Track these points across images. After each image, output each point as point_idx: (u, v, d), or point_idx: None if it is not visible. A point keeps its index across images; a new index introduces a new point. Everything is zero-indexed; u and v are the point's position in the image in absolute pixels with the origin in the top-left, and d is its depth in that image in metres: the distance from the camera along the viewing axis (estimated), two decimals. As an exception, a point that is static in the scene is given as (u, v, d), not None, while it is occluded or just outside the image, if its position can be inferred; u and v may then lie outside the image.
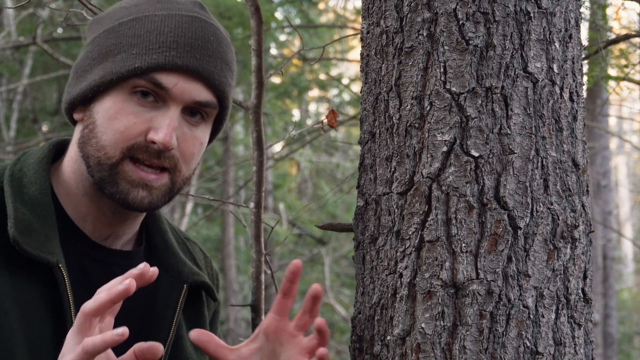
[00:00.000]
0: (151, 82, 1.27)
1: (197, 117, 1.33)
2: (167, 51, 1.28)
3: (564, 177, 1.38)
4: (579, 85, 1.44)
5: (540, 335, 1.32)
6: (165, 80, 1.28)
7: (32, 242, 1.21)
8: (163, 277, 1.40)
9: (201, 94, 1.31)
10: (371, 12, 1.49)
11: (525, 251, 1.33)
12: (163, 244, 1.45)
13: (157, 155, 1.28)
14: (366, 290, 1.43)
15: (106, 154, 1.27)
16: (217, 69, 1.32)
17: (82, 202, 1.33)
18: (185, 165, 1.33)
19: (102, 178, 1.28)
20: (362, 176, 1.48)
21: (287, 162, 12.71)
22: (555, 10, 1.40)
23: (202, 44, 1.30)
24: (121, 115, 1.28)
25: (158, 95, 1.29)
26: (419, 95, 1.38)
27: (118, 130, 1.27)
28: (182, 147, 1.31)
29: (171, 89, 1.28)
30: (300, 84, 9.66)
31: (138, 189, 1.28)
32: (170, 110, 1.29)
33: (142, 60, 1.27)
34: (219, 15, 7.27)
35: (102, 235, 1.34)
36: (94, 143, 1.29)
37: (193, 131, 1.33)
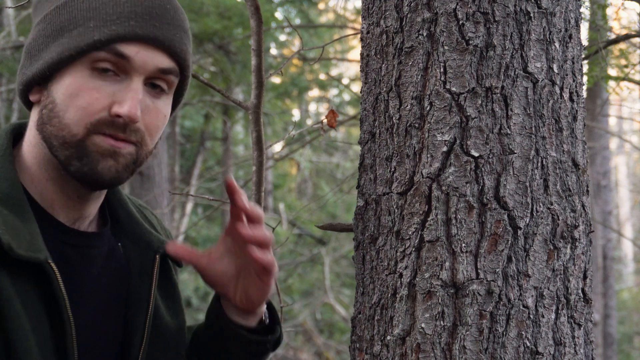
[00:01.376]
0: (112, 52, 1.25)
1: (159, 89, 1.31)
2: (126, 21, 1.25)
3: (564, 177, 1.38)
4: (579, 85, 1.44)
5: (540, 335, 1.32)
6: (126, 50, 1.25)
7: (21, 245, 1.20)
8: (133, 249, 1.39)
9: (164, 61, 1.29)
10: (371, 12, 1.49)
11: (525, 251, 1.32)
12: (127, 216, 1.43)
13: (122, 129, 1.25)
14: (366, 290, 1.43)
15: (70, 132, 1.24)
16: (177, 37, 1.31)
17: (47, 188, 1.30)
18: (149, 139, 1.31)
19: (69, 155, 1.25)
20: (362, 176, 1.48)
21: (287, 162, 12.71)
22: (555, 10, 1.40)
23: (159, 12, 1.29)
24: (82, 92, 1.25)
25: (119, 68, 1.26)
26: (419, 95, 1.38)
27: (80, 107, 1.24)
28: (147, 119, 1.29)
29: (133, 57, 1.26)
30: (300, 84, 9.66)
31: (107, 159, 1.26)
32: (133, 82, 1.26)
33: (101, 33, 1.25)
34: (219, 15, 7.27)
35: (71, 219, 1.32)
36: (56, 122, 1.25)
37: (156, 103, 1.31)
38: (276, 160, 7.85)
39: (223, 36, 7.48)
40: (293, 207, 11.58)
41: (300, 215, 10.08)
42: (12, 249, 1.18)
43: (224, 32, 7.37)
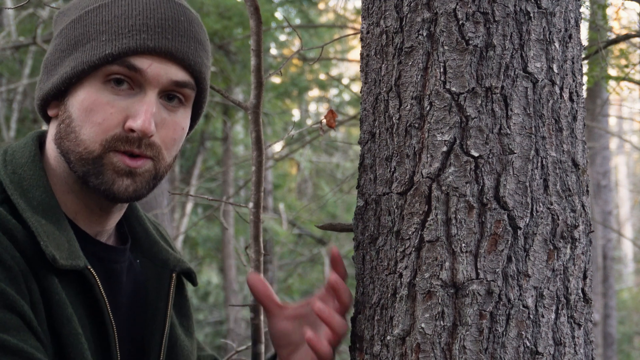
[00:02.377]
0: (124, 65, 1.24)
1: (175, 101, 1.30)
2: (137, 34, 1.24)
3: (564, 177, 1.38)
4: (579, 85, 1.44)
5: (540, 335, 1.32)
6: (139, 63, 1.24)
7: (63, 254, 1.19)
8: (150, 267, 1.38)
9: (178, 74, 1.28)
10: (371, 12, 1.49)
11: (525, 251, 1.32)
12: (144, 233, 1.42)
13: (137, 144, 1.25)
14: (366, 290, 1.43)
15: (86, 148, 1.24)
16: (191, 49, 1.29)
17: (69, 200, 1.30)
18: (167, 152, 1.29)
19: (86, 171, 1.25)
20: (362, 176, 1.48)
21: (287, 162, 12.71)
22: (555, 10, 1.40)
23: (172, 24, 1.27)
24: (97, 107, 1.24)
25: (133, 81, 1.25)
26: (418, 95, 1.38)
27: (96, 123, 1.24)
28: (162, 133, 1.28)
29: (146, 69, 1.25)
30: (300, 84, 9.66)
31: (123, 178, 1.25)
32: (147, 96, 1.25)
33: (112, 46, 1.24)
34: (219, 15, 7.27)
35: (94, 232, 1.32)
36: (73, 138, 1.25)
37: (172, 116, 1.29)
38: (276, 160, 7.85)
39: (223, 36, 7.48)
40: (293, 207, 11.58)
41: (300, 215, 10.08)
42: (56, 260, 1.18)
43: (224, 32, 7.37)
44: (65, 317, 1.18)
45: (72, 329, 1.18)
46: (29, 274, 1.16)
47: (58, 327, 1.17)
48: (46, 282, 1.18)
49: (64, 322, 1.18)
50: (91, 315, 1.23)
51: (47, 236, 1.19)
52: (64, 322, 1.18)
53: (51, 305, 1.17)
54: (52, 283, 1.18)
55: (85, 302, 1.23)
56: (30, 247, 1.17)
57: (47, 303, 1.17)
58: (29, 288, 1.15)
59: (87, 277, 1.22)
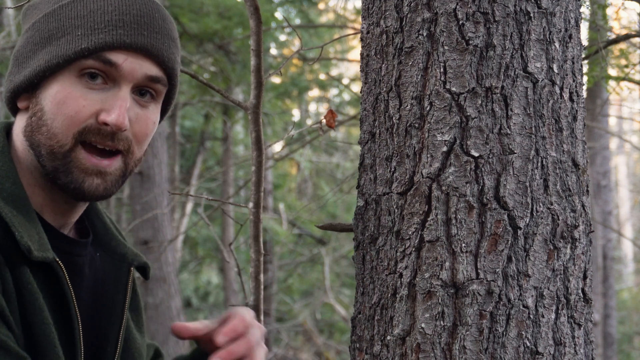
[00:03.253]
0: (100, 60, 1.24)
1: (147, 96, 1.31)
2: (113, 29, 1.25)
3: (564, 177, 1.38)
4: (579, 85, 1.44)
5: (540, 335, 1.31)
6: (114, 57, 1.25)
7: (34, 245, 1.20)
8: (108, 261, 1.39)
9: (152, 69, 1.29)
10: (371, 12, 1.49)
11: (525, 251, 1.32)
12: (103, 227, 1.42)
13: (110, 137, 1.25)
14: (366, 290, 1.43)
15: (58, 141, 1.24)
16: (165, 46, 1.30)
17: (36, 192, 1.29)
18: (137, 147, 1.30)
19: (56, 167, 1.24)
20: (362, 176, 1.48)
21: (287, 162, 12.71)
22: (555, 10, 1.40)
23: (147, 20, 1.28)
24: (70, 100, 1.24)
25: (107, 76, 1.26)
26: (419, 95, 1.38)
27: (68, 115, 1.24)
28: (135, 128, 1.28)
29: (121, 64, 1.25)
30: (300, 84, 9.65)
31: (92, 177, 1.25)
32: (122, 91, 1.26)
33: (89, 41, 1.24)
34: (219, 15, 7.27)
35: (58, 225, 1.32)
36: (45, 131, 1.25)
37: (144, 111, 1.30)
38: (276, 160, 7.85)
39: (223, 36, 7.48)
40: (293, 207, 11.58)
41: (300, 215, 10.08)
42: (31, 251, 1.18)
43: (224, 32, 7.37)
44: (38, 306, 1.18)
45: (44, 318, 1.19)
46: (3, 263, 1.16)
47: (29, 317, 1.17)
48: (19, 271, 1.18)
49: (36, 311, 1.18)
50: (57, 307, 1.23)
51: (21, 227, 1.19)
52: (36, 311, 1.18)
53: (23, 295, 1.17)
54: (24, 273, 1.18)
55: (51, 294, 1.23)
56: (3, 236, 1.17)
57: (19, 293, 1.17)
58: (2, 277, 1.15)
59: (55, 269, 1.23)
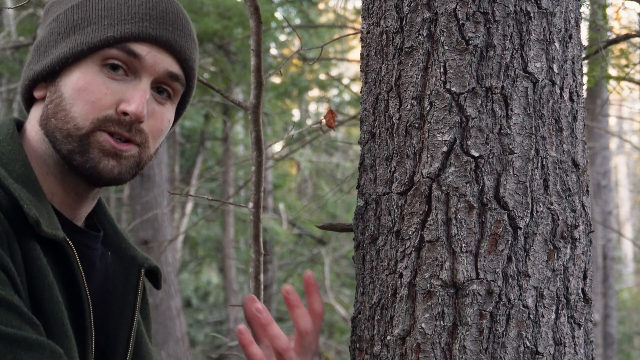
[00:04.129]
0: (124, 50, 1.26)
1: (165, 94, 1.32)
2: (140, 22, 1.27)
3: (564, 177, 1.38)
4: (579, 85, 1.44)
5: (540, 335, 1.32)
6: (138, 49, 1.27)
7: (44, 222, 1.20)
8: (118, 263, 1.38)
9: (173, 66, 1.31)
10: (371, 12, 1.49)
11: (525, 251, 1.33)
12: (112, 228, 1.43)
13: (128, 127, 1.26)
14: (366, 290, 1.43)
15: (76, 125, 1.25)
16: (187, 45, 1.32)
17: (47, 181, 1.29)
18: (152, 142, 1.31)
19: (72, 149, 1.25)
20: (362, 176, 1.48)
21: (287, 162, 12.71)
22: (555, 10, 1.40)
23: (173, 18, 1.30)
24: (91, 87, 1.25)
25: (129, 67, 1.27)
26: (419, 95, 1.38)
27: (89, 101, 1.25)
28: (151, 122, 1.30)
29: (144, 56, 1.27)
30: (300, 84, 9.66)
31: (108, 158, 1.26)
32: (142, 83, 1.28)
33: (115, 30, 1.26)
34: (219, 15, 7.27)
35: (69, 216, 1.32)
36: (62, 116, 1.25)
37: (160, 108, 1.32)
38: (276, 160, 7.85)
39: (223, 36, 7.48)
40: (293, 207, 11.59)
41: (300, 215, 10.08)
42: (40, 225, 1.18)
43: (224, 32, 7.38)
44: (47, 283, 1.18)
45: (53, 295, 1.18)
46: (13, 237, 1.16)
47: (38, 293, 1.17)
48: (29, 246, 1.17)
49: (45, 288, 1.17)
50: (67, 287, 1.23)
51: (30, 202, 1.19)
52: (45, 288, 1.17)
53: (33, 270, 1.17)
54: (34, 249, 1.18)
55: (61, 274, 1.22)
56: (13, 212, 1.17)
57: (28, 268, 1.17)
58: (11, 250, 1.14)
59: (66, 249, 1.22)
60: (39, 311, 1.16)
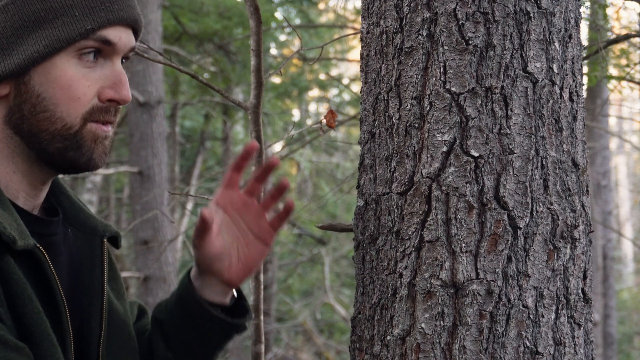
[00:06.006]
0: (100, 40, 1.24)
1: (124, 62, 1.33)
2: (110, 6, 1.26)
3: (564, 177, 1.38)
4: (579, 85, 1.44)
5: (540, 335, 1.32)
6: (112, 36, 1.25)
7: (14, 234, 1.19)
8: (80, 236, 1.37)
9: (132, 39, 1.31)
10: (371, 12, 1.49)
11: (525, 251, 1.32)
12: (69, 202, 1.40)
13: (113, 112, 1.27)
14: (366, 290, 1.43)
15: (65, 124, 1.23)
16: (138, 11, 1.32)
17: (12, 180, 1.27)
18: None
19: (64, 147, 1.24)
20: (362, 176, 1.48)
21: (287, 162, 12.70)
22: (555, 10, 1.40)
23: None
24: (74, 83, 1.24)
25: (101, 52, 1.26)
26: (418, 95, 1.38)
27: (75, 98, 1.23)
28: None
29: (117, 43, 1.26)
30: (300, 84, 9.66)
31: (99, 145, 1.27)
32: (115, 65, 1.27)
33: (91, 20, 1.24)
34: (219, 15, 7.27)
35: (30, 207, 1.30)
36: (46, 116, 1.23)
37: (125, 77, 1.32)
38: (276, 160, 7.83)
39: (223, 36, 7.48)
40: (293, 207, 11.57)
41: (300, 215, 10.08)
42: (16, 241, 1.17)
43: (224, 32, 7.38)
44: (27, 296, 1.17)
45: (34, 307, 1.17)
46: None
47: (20, 308, 1.16)
48: (3, 262, 1.16)
49: (26, 301, 1.16)
50: (43, 293, 1.22)
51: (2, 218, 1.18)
52: (26, 301, 1.16)
53: (10, 286, 1.16)
54: (8, 263, 1.16)
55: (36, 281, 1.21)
56: None
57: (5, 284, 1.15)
58: None
59: (37, 255, 1.21)
60: (23, 326, 1.15)
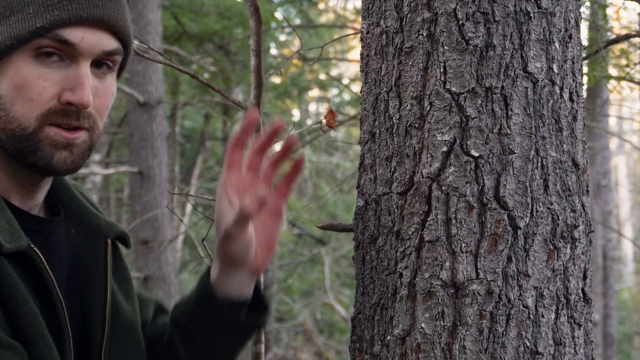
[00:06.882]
0: (55, 39, 1.19)
1: (104, 68, 1.26)
2: (67, 4, 1.19)
3: (564, 177, 1.38)
4: (579, 85, 1.44)
5: (540, 335, 1.32)
6: (70, 36, 1.19)
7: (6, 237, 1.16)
8: (83, 235, 1.34)
9: (109, 43, 1.24)
10: (371, 12, 1.49)
11: (525, 251, 1.33)
12: (73, 201, 1.38)
13: (75, 116, 1.21)
14: (366, 290, 1.43)
15: (20, 125, 1.19)
16: (119, 14, 1.25)
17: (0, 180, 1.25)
18: (100, 121, 1.26)
19: (21, 148, 1.20)
20: (362, 176, 1.48)
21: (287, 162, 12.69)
22: (555, 10, 1.40)
23: None
24: (29, 82, 1.19)
25: (64, 53, 1.21)
26: (419, 95, 1.38)
27: (29, 98, 1.19)
28: (96, 102, 1.24)
29: (78, 44, 1.20)
30: (300, 84, 9.66)
31: (61, 151, 1.21)
32: (81, 67, 1.21)
33: (43, 19, 1.18)
34: (219, 15, 7.27)
35: (27, 207, 1.28)
36: (3, 116, 1.19)
37: (103, 83, 1.26)
38: (276, 160, 7.83)
39: (223, 36, 7.48)
40: (293, 207, 11.58)
41: (300, 215, 10.08)
42: (2, 245, 1.15)
43: (224, 32, 7.38)
44: (21, 297, 1.15)
45: (29, 308, 1.15)
46: None
47: (14, 310, 1.14)
48: None
49: (20, 302, 1.15)
50: (39, 294, 1.20)
51: None
52: (20, 302, 1.15)
53: (4, 288, 1.14)
54: (1, 265, 1.15)
55: (32, 282, 1.19)
56: None
57: None
58: None
59: (32, 256, 1.19)
60: (17, 327, 1.14)
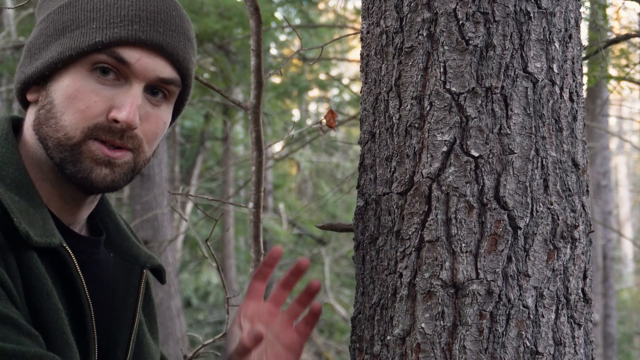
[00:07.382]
0: (113, 56, 1.22)
1: (159, 95, 1.28)
2: (129, 25, 1.22)
3: (564, 177, 1.38)
4: (579, 85, 1.44)
5: (540, 335, 1.32)
6: (127, 55, 1.22)
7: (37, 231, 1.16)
8: (120, 262, 1.36)
9: (165, 70, 1.26)
10: (371, 12, 1.49)
11: (525, 251, 1.32)
12: (115, 227, 1.40)
13: (120, 135, 1.23)
14: (366, 290, 1.43)
15: (66, 134, 1.21)
16: (181, 45, 1.27)
17: (43, 188, 1.26)
18: (148, 146, 1.27)
19: (64, 158, 1.22)
20: (362, 176, 1.48)
21: (287, 162, 12.71)
22: (555, 10, 1.40)
23: (164, 18, 1.25)
24: (81, 94, 1.22)
25: (119, 72, 1.23)
26: (419, 95, 1.38)
27: (79, 110, 1.21)
28: (145, 126, 1.26)
29: (134, 64, 1.22)
30: (300, 84, 9.66)
31: (101, 167, 1.23)
32: (133, 88, 1.23)
33: (103, 35, 1.21)
34: (219, 15, 7.27)
35: (67, 222, 1.29)
36: (53, 124, 1.22)
37: (155, 110, 1.27)
38: (276, 160, 7.86)
39: (223, 36, 7.48)
40: (293, 207, 11.59)
41: (300, 215, 10.09)
42: (30, 237, 1.16)
43: (224, 32, 7.37)
44: (45, 292, 1.16)
45: (53, 304, 1.16)
46: (7, 247, 1.14)
47: (37, 302, 1.15)
48: (25, 256, 1.16)
49: (44, 297, 1.16)
50: (67, 294, 1.21)
51: (20, 213, 1.17)
52: (44, 297, 1.16)
53: (30, 280, 1.15)
54: (30, 257, 1.16)
55: (61, 280, 1.20)
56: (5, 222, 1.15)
57: (25, 277, 1.15)
58: (6, 261, 1.13)
59: (63, 254, 1.20)
60: (39, 321, 1.15)
